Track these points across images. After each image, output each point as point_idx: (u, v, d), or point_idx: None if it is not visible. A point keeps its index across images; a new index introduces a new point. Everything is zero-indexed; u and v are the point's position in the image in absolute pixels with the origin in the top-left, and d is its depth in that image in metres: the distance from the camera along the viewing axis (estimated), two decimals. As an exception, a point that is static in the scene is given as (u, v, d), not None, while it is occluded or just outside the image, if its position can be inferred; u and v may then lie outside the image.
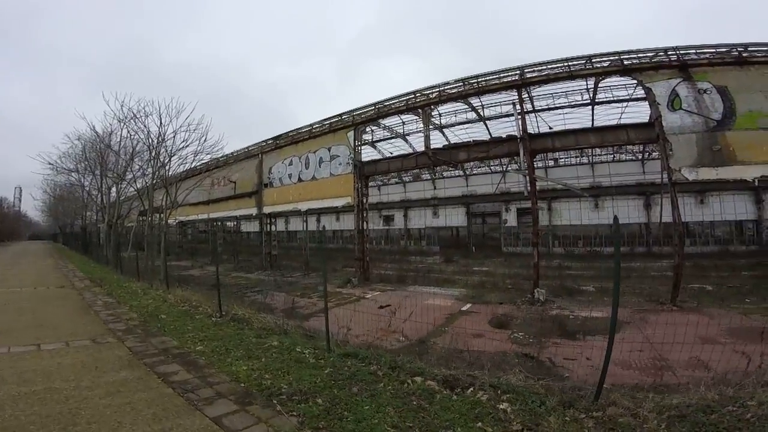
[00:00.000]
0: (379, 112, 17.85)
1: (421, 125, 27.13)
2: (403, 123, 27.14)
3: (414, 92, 18.37)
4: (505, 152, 15.40)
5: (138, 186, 15.68)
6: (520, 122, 13.96)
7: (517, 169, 14.58)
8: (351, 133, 18.14)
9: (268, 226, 23.71)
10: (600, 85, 19.06)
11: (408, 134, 28.53)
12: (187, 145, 12.24)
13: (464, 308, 12.02)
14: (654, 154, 31.58)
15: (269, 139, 23.27)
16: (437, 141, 27.59)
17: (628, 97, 19.55)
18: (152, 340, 5.68)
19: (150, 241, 13.20)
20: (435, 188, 36.82)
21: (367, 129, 20.45)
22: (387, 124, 25.88)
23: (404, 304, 10.92)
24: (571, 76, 14.49)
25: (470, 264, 24.42)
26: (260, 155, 22.62)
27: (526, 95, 18.67)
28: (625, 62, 13.98)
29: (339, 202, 18.00)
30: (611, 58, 14.55)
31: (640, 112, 21.73)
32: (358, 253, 17.30)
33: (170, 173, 12.99)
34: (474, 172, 35.23)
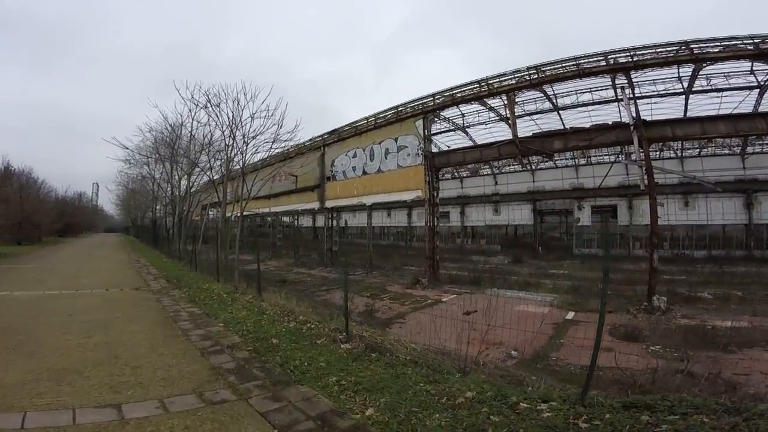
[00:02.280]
0: (454, 98, 16.45)
1: (482, 117, 25.74)
2: (463, 115, 25.60)
3: (479, 81, 16.97)
4: (611, 141, 13.49)
5: (210, 175, 15.43)
6: (632, 108, 12.09)
7: (632, 160, 12.65)
8: (420, 122, 16.92)
9: (331, 221, 23.13)
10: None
11: (468, 126, 26.99)
12: (266, 130, 11.53)
13: (569, 317, 10.44)
14: (756, 147, 27.61)
15: (326, 133, 22.66)
16: (502, 133, 25.82)
17: (754, 85, 16.98)
18: (288, 394, 3.86)
19: (224, 235, 12.70)
20: (497, 184, 34.66)
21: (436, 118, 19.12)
22: (447, 116, 24.53)
23: (491, 310, 9.55)
24: (697, 59, 12.49)
25: (543, 266, 22.35)
26: (322, 148, 22.03)
27: (620, 82, 16.74)
28: (762, 46, 11.87)
29: (408, 196, 16.86)
30: (717, 44, 12.75)
31: (732, 102, 19.00)
32: (429, 252, 16.07)
33: (245, 162, 12.40)
34: (540, 167, 32.73)
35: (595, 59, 14.36)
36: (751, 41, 12.23)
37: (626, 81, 13.64)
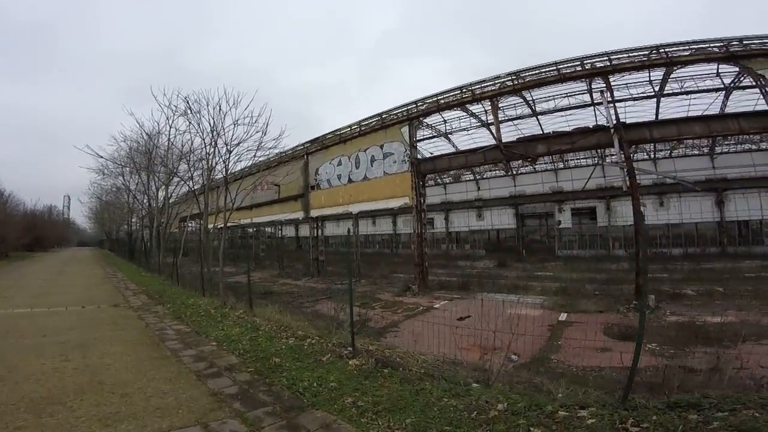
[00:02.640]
0: (438, 104, 16.49)
1: (464, 124, 26.10)
2: (445, 121, 25.93)
3: (461, 88, 17.19)
4: (593, 144, 13.77)
5: (191, 185, 14.88)
6: (612, 111, 12.36)
7: (615, 162, 12.94)
8: (405, 129, 16.89)
9: (316, 230, 22.76)
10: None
11: (450, 133, 27.35)
12: (249, 137, 11.17)
13: (562, 318, 10.46)
14: (724, 147, 28.91)
15: (308, 141, 22.37)
16: (483, 139, 26.18)
17: (721, 87, 17.89)
18: (304, 420, 3.47)
19: (206, 247, 12.20)
20: (479, 189, 35.04)
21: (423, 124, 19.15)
22: (429, 123, 24.74)
23: (484, 315, 9.45)
24: (671, 63, 12.98)
25: (528, 269, 22.59)
26: (306, 156, 21.73)
27: (598, 85, 17.27)
28: (732, 49, 12.51)
29: (395, 203, 16.72)
30: (686, 47, 13.34)
31: (701, 104, 20.02)
32: (417, 259, 15.94)
33: (228, 170, 11.99)
34: (521, 171, 33.32)
35: (571, 64, 14.73)
36: (721, 44, 12.78)
37: (605, 85, 13.99)
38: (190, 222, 25.36)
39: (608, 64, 13.26)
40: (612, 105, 12.73)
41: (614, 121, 12.26)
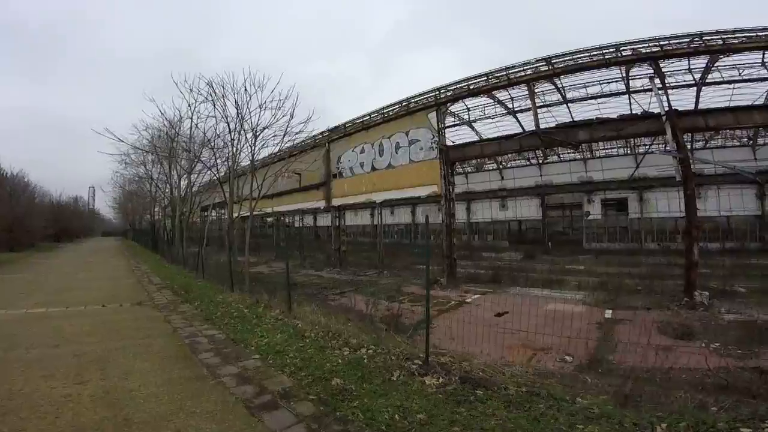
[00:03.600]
0: (470, 89, 15.71)
1: (488, 112, 25.21)
2: (468, 110, 25.13)
3: (487, 74, 16.39)
4: (642, 131, 12.92)
5: (214, 172, 14.58)
6: (663, 98, 11.52)
7: (666, 150, 12.09)
8: (432, 115, 16.18)
9: (338, 219, 22.34)
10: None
11: (473, 121, 26.58)
12: (276, 121, 10.72)
13: (608, 315, 9.74)
14: (767, 140, 27.26)
15: (329, 129, 21.79)
16: (508, 127, 25.23)
17: None
18: None
19: (232, 237, 11.85)
20: (503, 179, 34.02)
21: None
22: (453, 111, 23.94)
23: (521, 311, 8.73)
24: (726, 49, 12.31)
25: (558, 262, 21.70)
26: (327, 144, 21.23)
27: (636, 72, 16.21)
28: None
29: (422, 192, 16.09)
30: (736, 35, 12.31)
31: (744, 95, 18.77)
32: (446, 250, 15.33)
33: (255, 156, 11.59)
34: (547, 161, 32.16)
35: (600, 52, 13.79)
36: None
37: (653, 71, 13.08)
38: (212, 211, 25.27)
39: (659, 49, 12.29)
40: (664, 92, 11.83)
41: (666, 108, 11.36)
